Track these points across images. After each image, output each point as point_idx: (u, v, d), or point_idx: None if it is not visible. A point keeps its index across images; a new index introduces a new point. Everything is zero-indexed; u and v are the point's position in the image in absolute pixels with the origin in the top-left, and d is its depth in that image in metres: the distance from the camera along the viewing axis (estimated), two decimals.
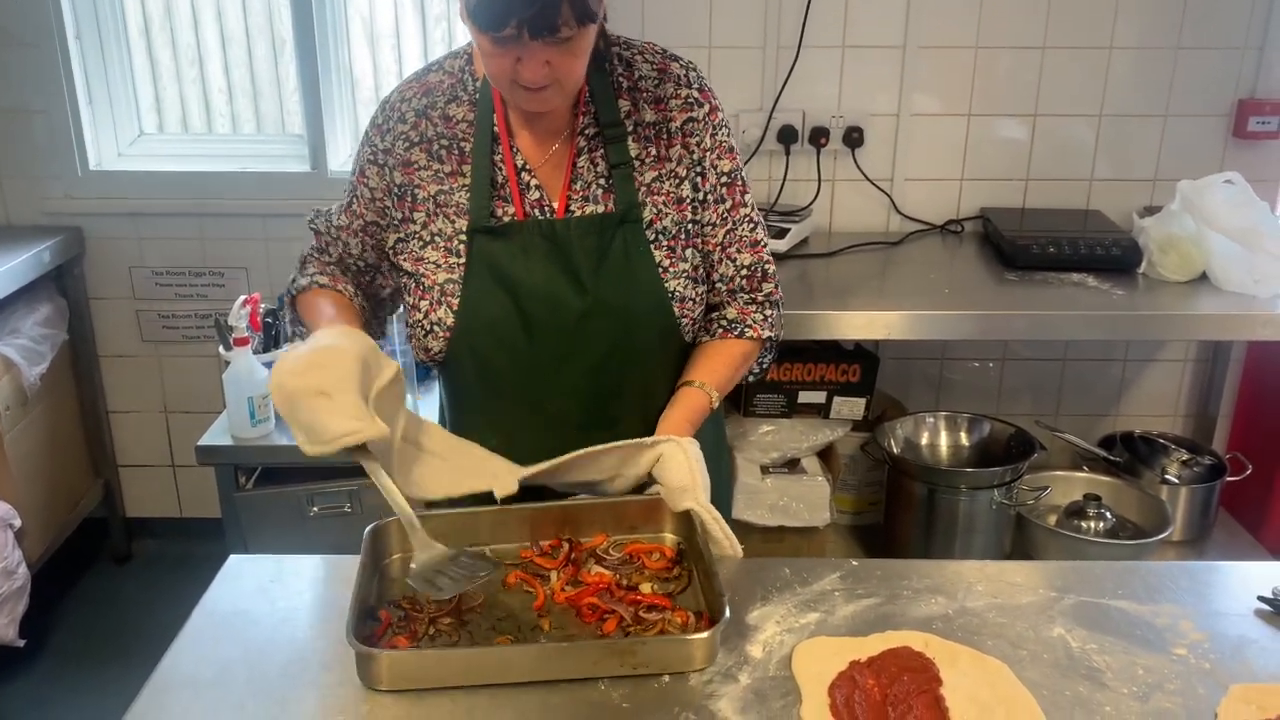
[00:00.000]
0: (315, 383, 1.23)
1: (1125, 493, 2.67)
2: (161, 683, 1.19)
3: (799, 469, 2.67)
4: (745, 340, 1.57)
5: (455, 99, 1.50)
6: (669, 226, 1.49)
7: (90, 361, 3.14)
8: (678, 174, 1.50)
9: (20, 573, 2.65)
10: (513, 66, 1.32)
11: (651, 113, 1.50)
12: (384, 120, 1.51)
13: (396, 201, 1.50)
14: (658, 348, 1.53)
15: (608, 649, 1.18)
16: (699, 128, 1.51)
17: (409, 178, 1.49)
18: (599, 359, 1.48)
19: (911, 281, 2.60)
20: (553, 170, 1.49)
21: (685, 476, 1.39)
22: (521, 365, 1.47)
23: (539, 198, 1.48)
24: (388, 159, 1.50)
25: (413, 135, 1.49)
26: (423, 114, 1.49)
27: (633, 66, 1.51)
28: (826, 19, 2.76)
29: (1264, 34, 2.77)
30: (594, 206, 1.48)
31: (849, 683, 1.17)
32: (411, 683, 1.16)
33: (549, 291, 1.45)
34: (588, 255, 1.46)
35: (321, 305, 1.53)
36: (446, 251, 1.47)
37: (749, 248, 1.56)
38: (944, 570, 1.41)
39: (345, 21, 3.03)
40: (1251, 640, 1.27)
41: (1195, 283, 2.50)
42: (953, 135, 2.88)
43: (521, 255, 1.45)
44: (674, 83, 1.51)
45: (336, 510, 2.53)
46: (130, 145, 3.14)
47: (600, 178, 1.49)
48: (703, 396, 1.51)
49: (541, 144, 1.49)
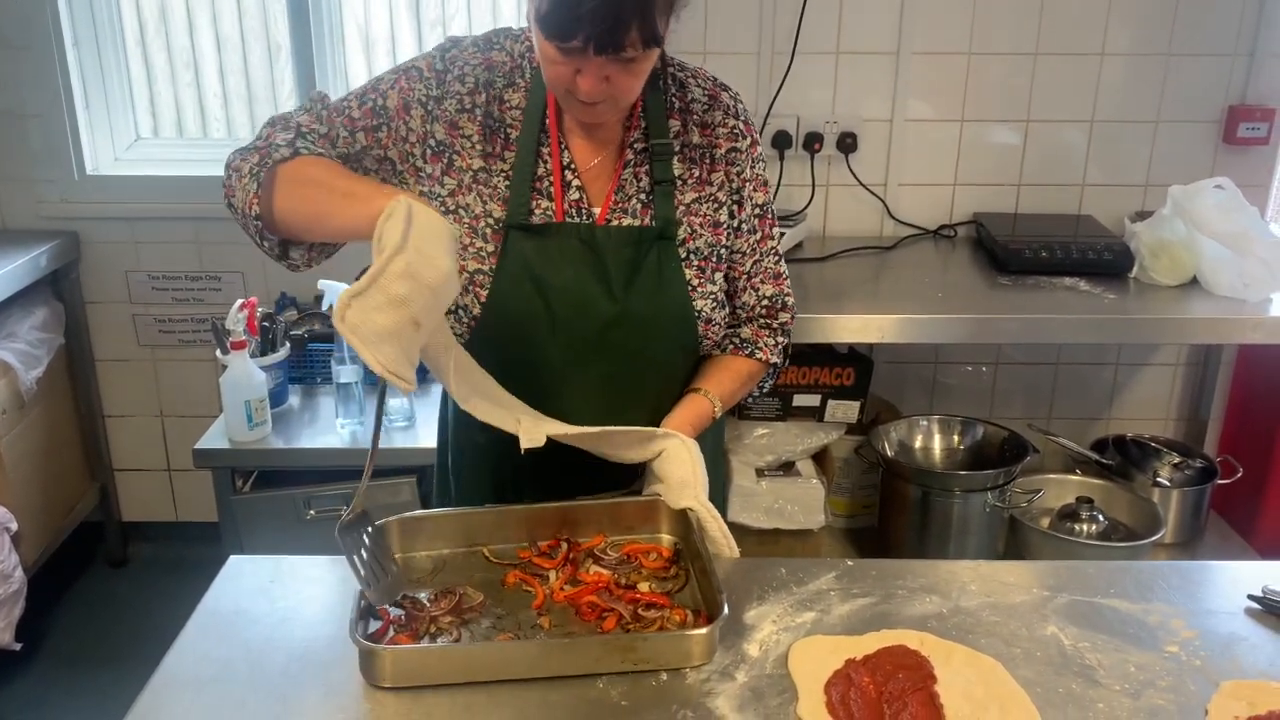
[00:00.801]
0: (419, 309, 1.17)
1: (1117, 495, 2.69)
2: (163, 681, 1.20)
3: (794, 472, 2.68)
4: (754, 361, 1.61)
5: (512, 84, 1.49)
6: (701, 248, 1.51)
7: (86, 366, 3.15)
8: (717, 199, 1.53)
9: (16, 576, 2.66)
10: (571, 76, 1.33)
11: (699, 136, 1.52)
12: (445, 68, 1.47)
13: (430, 155, 1.47)
14: (676, 363, 1.56)
15: (608, 645, 1.19)
16: (741, 158, 1.54)
17: (451, 140, 1.46)
18: (618, 367, 1.49)
19: (905, 286, 2.61)
20: (597, 176, 1.50)
21: (687, 472, 1.41)
22: (541, 363, 1.48)
23: (579, 199, 1.48)
24: (436, 109, 1.46)
25: (467, 101, 1.46)
26: (482, 87, 1.47)
27: (685, 88, 1.53)
28: (821, 25, 2.78)
29: (1254, 40, 2.80)
30: (631, 219, 1.49)
31: (845, 681, 1.18)
32: (414, 679, 1.17)
33: (579, 294, 1.46)
34: (622, 265, 1.47)
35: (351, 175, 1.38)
36: (473, 231, 1.46)
37: (771, 279, 1.61)
38: (938, 570, 1.43)
39: (341, 27, 3.04)
40: (1242, 638, 1.29)
41: (1186, 287, 2.52)
42: (946, 140, 2.90)
43: (556, 255, 1.46)
44: (723, 111, 1.54)
45: (333, 513, 2.52)
46: (127, 150, 3.15)
47: (642, 192, 1.50)
48: (708, 405, 1.54)
49: (591, 149, 1.50)
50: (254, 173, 1.37)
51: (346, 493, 2.52)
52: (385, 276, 1.15)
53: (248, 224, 1.41)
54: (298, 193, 1.35)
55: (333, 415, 2.65)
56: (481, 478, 1.59)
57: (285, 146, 1.38)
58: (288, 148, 1.37)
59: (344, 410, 2.60)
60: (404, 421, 2.62)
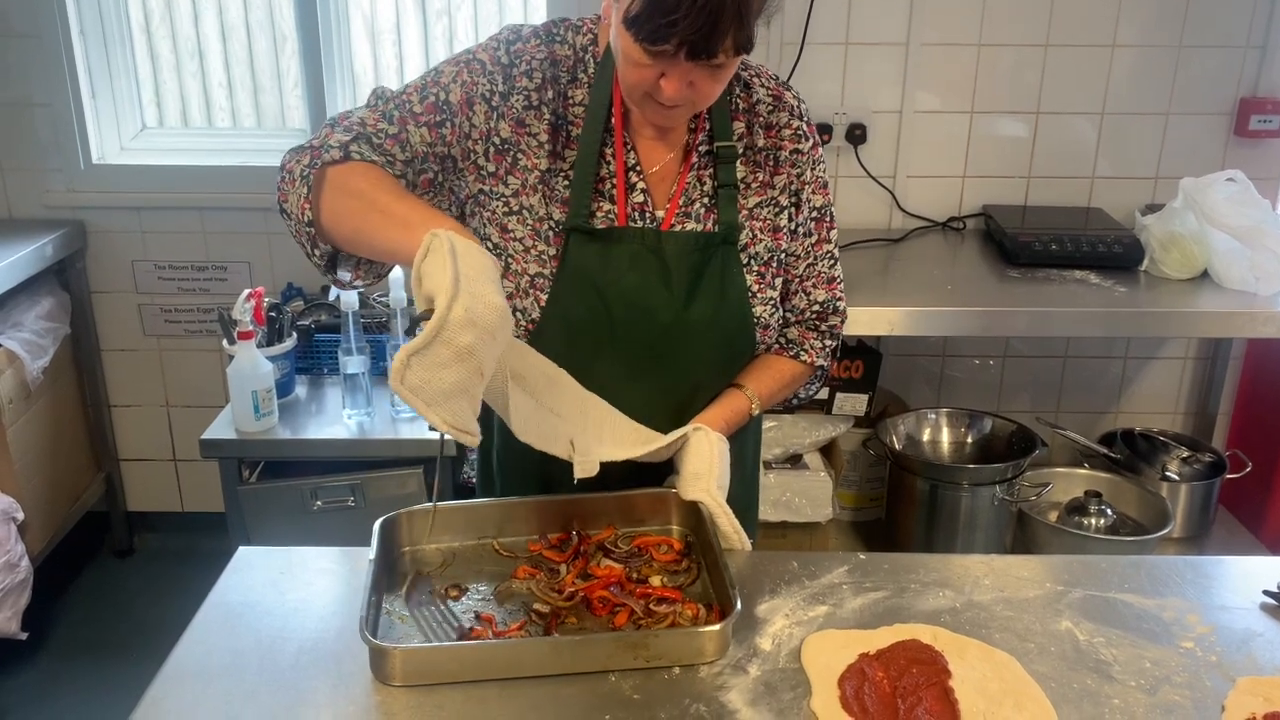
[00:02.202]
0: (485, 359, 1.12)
1: (1126, 489, 2.68)
2: (174, 672, 1.20)
3: (801, 464, 2.68)
4: (799, 363, 1.59)
5: (575, 79, 1.44)
6: (761, 252, 1.49)
7: (92, 355, 3.14)
8: (779, 202, 1.50)
9: (23, 566, 2.66)
10: (654, 80, 1.30)
11: (763, 138, 1.49)
12: (510, 62, 1.41)
13: (493, 154, 1.41)
14: (733, 369, 1.54)
15: (620, 642, 1.19)
16: (803, 160, 1.51)
17: (517, 138, 1.41)
18: (675, 373, 1.47)
19: (914, 278, 2.60)
20: (661, 179, 1.47)
21: (703, 465, 1.40)
22: (599, 368, 1.44)
23: (643, 202, 1.45)
24: (502, 105, 1.40)
25: (534, 97, 1.41)
26: (549, 82, 1.42)
27: (750, 89, 1.51)
28: (830, 16, 2.76)
29: (1266, 33, 2.78)
30: (694, 224, 1.46)
31: (859, 675, 1.17)
32: (424, 678, 1.16)
33: (641, 300, 1.43)
34: (685, 271, 1.44)
35: (414, 199, 1.31)
36: (534, 234, 1.42)
37: (825, 283, 1.58)
38: (950, 564, 1.42)
39: (347, 16, 3.03)
40: (1258, 634, 1.28)
41: (1196, 280, 2.51)
42: (955, 132, 2.89)
43: (618, 260, 1.42)
44: (787, 112, 1.51)
45: (340, 503, 2.53)
46: (133, 139, 3.14)
47: (705, 195, 1.47)
48: (745, 402, 1.52)
49: (657, 150, 1.47)
50: (304, 175, 1.32)
51: (353, 483, 2.52)
52: (449, 328, 1.08)
53: (301, 231, 1.34)
54: (342, 202, 1.30)
55: (339, 406, 2.65)
56: (528, 470, 1.54)
57: (337, 148, 1.32)
58: (339, 149, 1.32)
59: (351, 401, 2.59)
60: (410, 412, 2.62)
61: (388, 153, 1.37)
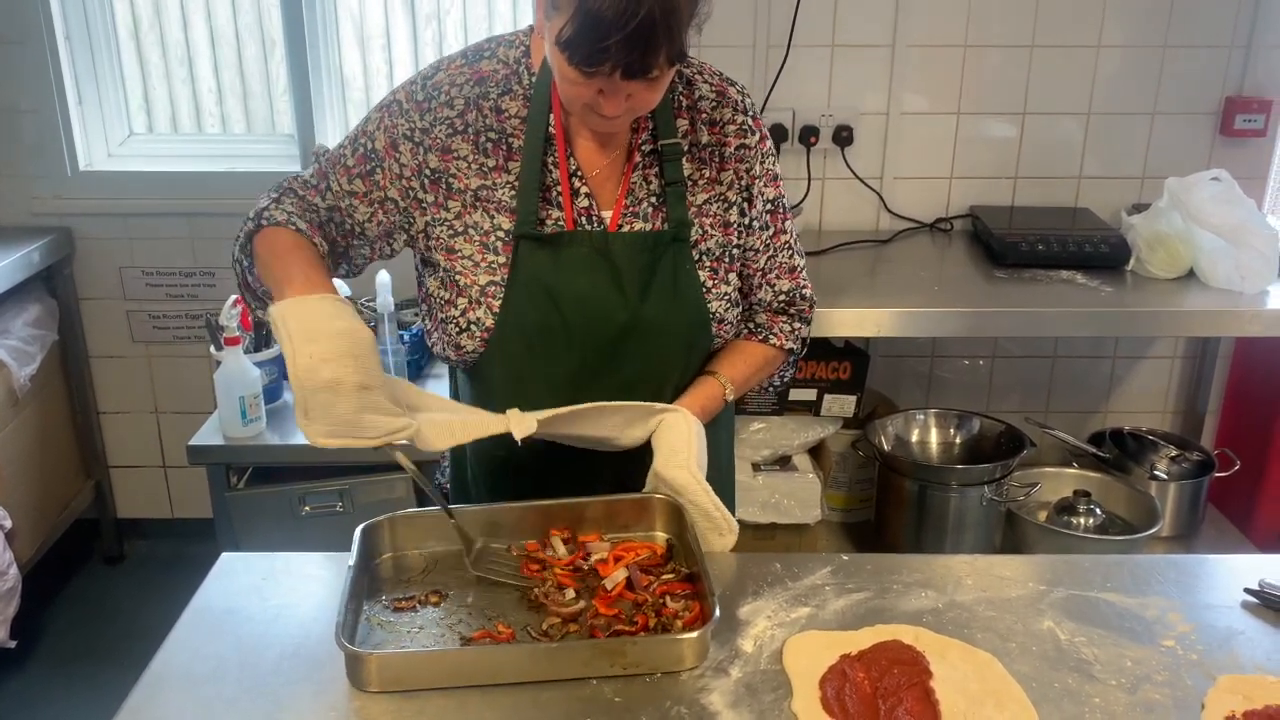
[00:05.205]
0: (356, 376, 1.20)
1: (1114, 489, 2.68)
2: (154, 678, 1.19)
3: (790, 466, 2.68)
4: (769, 346, 1.60)
5: (509, 91, 1.45)
6: (713, 248, 1.50)
7: (80, 362, 3.14)
8: (727, 198, 1.51)
9: (11, 574, 2.65)
10: (593, 96, 1.31)
11: (707, 134, 1.50)
12: (426, 98, 1.44)
13: (429, 185, 1.45)
14: (691, 365, 1.55)
15: (598, 650, 1.19)
16: (750, 155, 1.51)
17: (445, 165, 1.44)
18: (633, 373, 1.48)
19: (901, 279, 2.61)
20: (605, 181, 1.48)
21: (680, 441, 1.40)
22: (556, 373, 1.46)
23: (588, 206, 1.46)
24: (425, 139, 1.44)
25: (458, 123, 1.44)
26: (473, 103, 1.44)
27: (693, 86, 1.51)
28: (816, 18, 2.77)
29: (1250, 32, 2.79)
30: (643, 223, 1.47)
31: (840, 676, 1.17)
32: (400, 684, 1.16)
33: (594, 303, 1.44)
34: (636, 272, 1.45)
35: (295, 255, 1.38)
36: (483, 248, 1.44)
37: (787, 274, 1.60)
38: (933, 565, 1.42)
39: (335, 22, 3.03)
40: (1239, 632, 1.29)
41: (1183, 279, 2.52)
42: (942, 134, 2.89)
43: (569, 264, 1.44)
44: (731, 107, 1.51)
45: (328, 509, 2.53)
46: (120, 145, 3.13)
47: (652, 195, 1.48)
48: (719, 386, 1.54)
49: (598, 153, 1.48)
50: (243, 247, 1.45)
51: (341, 489, 2.51)
52: (301, 381, 1.19)
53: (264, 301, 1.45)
54: (260, 267, 1.42)
55: None
56: (504, 475, 1.56)
57: (252, 219, 1.44)
58: (254, 219, 1.43)
59: None
60: None
61: (309, 203, 1.47)
